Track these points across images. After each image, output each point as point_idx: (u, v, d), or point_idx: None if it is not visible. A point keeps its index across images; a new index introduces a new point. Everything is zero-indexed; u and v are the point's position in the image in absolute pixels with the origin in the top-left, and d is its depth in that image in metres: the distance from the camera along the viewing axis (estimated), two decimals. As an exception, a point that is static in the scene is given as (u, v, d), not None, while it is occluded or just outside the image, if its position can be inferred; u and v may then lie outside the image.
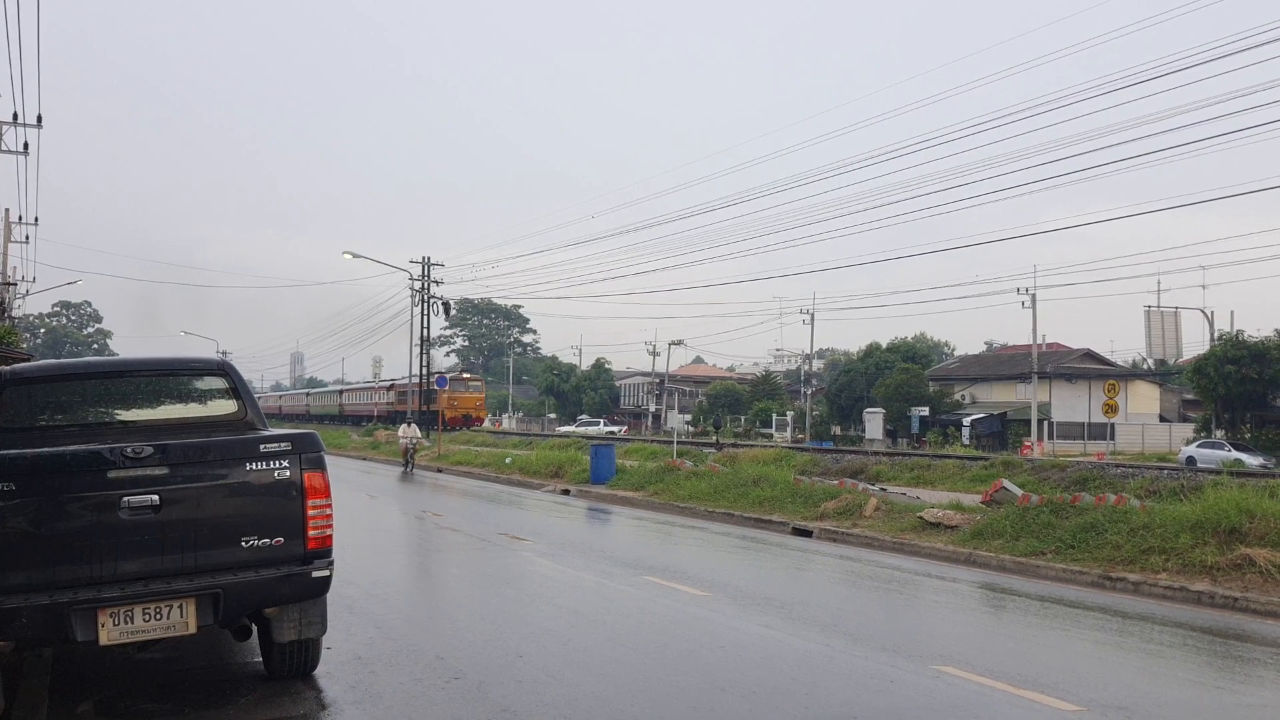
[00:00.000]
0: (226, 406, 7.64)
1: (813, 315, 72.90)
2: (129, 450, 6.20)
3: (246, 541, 6.43)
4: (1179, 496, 16.69)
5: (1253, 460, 40.21)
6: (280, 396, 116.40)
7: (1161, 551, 12.96)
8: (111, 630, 6.10)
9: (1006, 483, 18.59)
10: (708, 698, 7.05)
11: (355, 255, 52.55)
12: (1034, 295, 54.49)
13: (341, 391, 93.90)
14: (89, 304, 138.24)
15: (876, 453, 31.23)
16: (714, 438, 54.54)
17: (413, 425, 39.00)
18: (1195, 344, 59.68)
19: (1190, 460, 41.33)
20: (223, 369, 7.87)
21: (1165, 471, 21.62)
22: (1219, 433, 49.99)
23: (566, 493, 27.68)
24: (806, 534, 18.23)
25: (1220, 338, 51.26)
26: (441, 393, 57.01)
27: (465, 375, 75.14)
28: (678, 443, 34.01)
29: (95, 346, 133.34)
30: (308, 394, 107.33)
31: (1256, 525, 12.52)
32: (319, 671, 7.53)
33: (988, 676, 7.78)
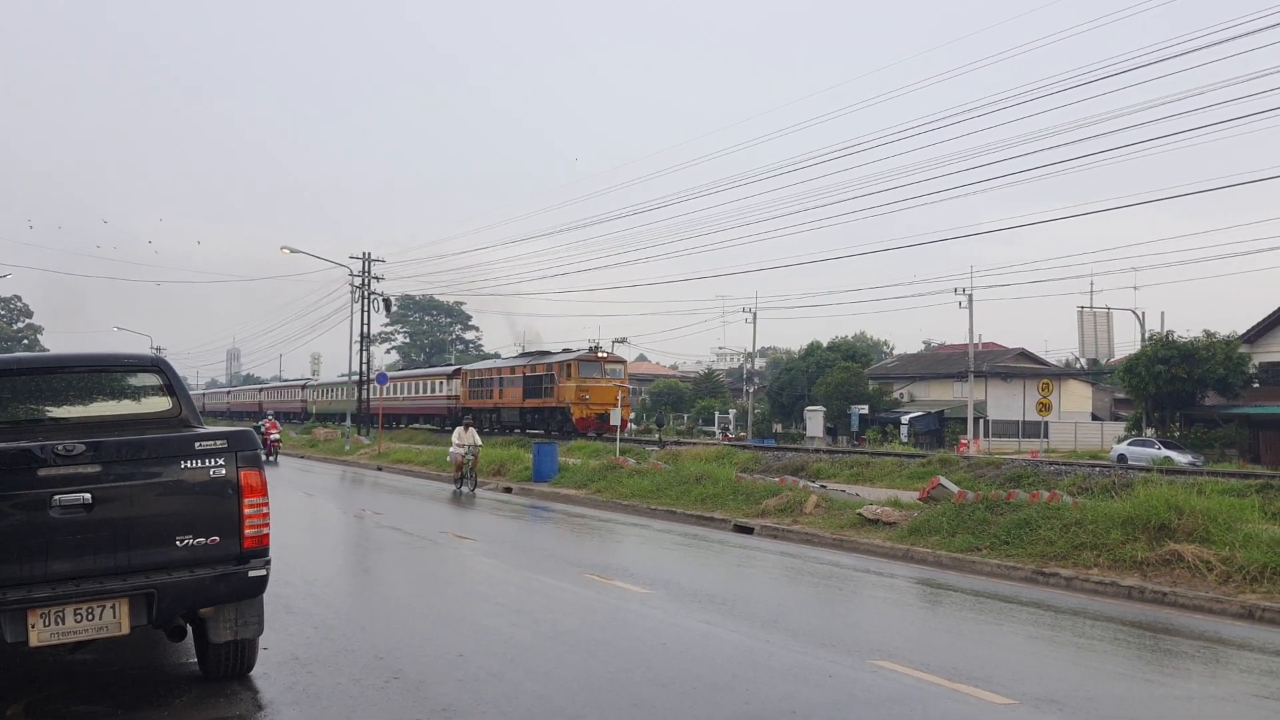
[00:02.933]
0: (160, 403, 7.51)
1: (755, 314, 73.39)
2: (60, 448, 6.07)
3: (181, 540, 6.33)
4: (1110, 494, 17.06)
5: (1182, 458, 41.18)
6: (229, 393, 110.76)
7: (1093, 547, 13.23)
8: (42, 631, 5.97)
9: (943, 480, 18.86)
10: (649, 694, 7.08)
11: (293, 250, 51.76)
12: (971, 295, 55.34)
13: (303, 386, 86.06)
14: (19, 298, 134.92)
15: (817, 450, 31.54)
16: (657, 435, 54.74)
17: (470, 429, 27.58)
18: (1127, 344, 60.95)
19: (1121, 458, 42.24)
20: (156, 365, 7.74)
21: (1097, 469, 22.06)
22: (1149, 431, 51.13)
23: (509, 491, 27.58)
24: (748, 531, 18.35)
25: (1151, 338, 52.42)
26: (565, 383, 44.16)
27: (601, 354, 46.86)
28: (620, 440, 34.03)
29: (25, 342, 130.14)
30: (259, 389, 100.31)
31: (1185, 522, 12.83)
32: (255, 672, 7.43)
33: (924, 671, 7.89)
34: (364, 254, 54.86)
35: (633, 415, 57.48)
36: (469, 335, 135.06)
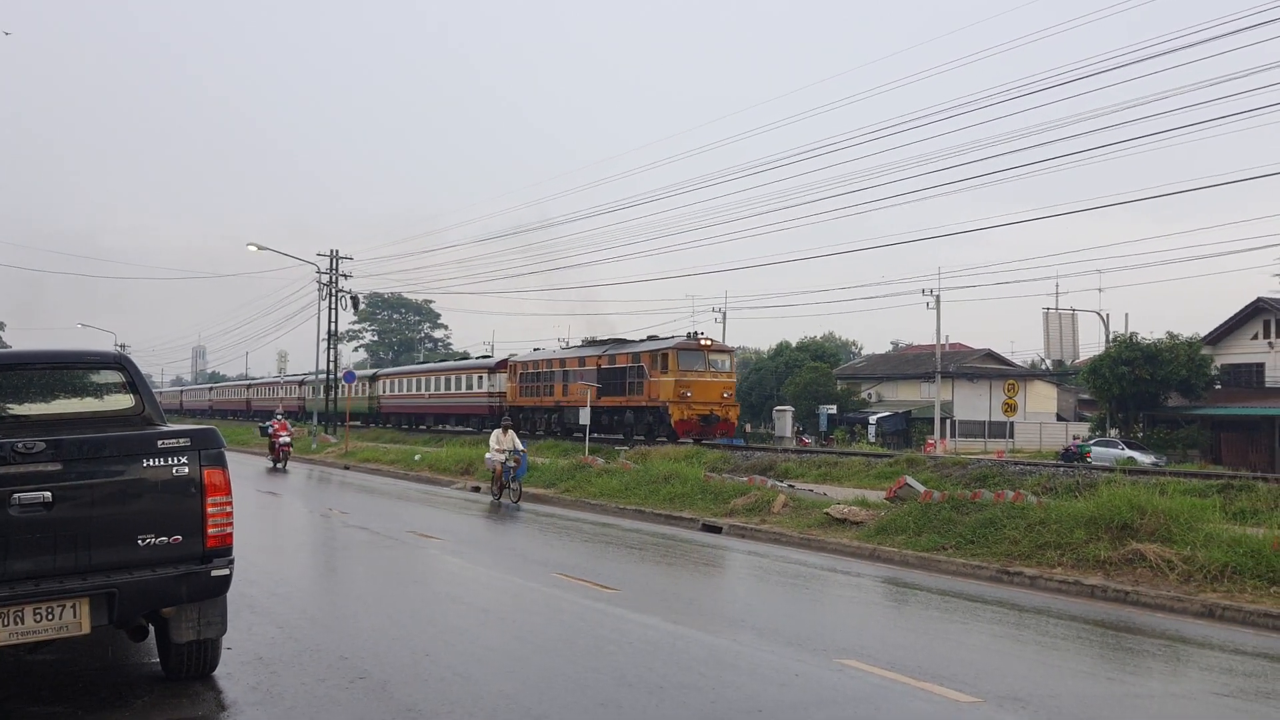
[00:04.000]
0: (123, 401, 7.42)
1: (724, 314, 73.50)
2: (20, 445, 5.99)
3: (143, 540, 6.26)
4: (1074, 493, 17.22)
5: (1145, 458, 41.66)
6: (211, 390, 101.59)
7: (1057, 546, 13.35)
8: (0, 631, 5.89)
9: (910, 479, 18.96)
10: (616, 694, 7.07)
11: (261, 247, 51.31)
12: (938, 297, 55.73)
13: (301, 382, 74.34)
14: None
15: (785, 450, 31.61)
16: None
17: (509, 431, 23.72)
18: (1091, 345, 61.61)
19: (1068, 452, 42.76)
20: (119, 362, 7.65)
21: (1061, 469, 22.26)
22: (1113, 431, 51.68)
23: (477, 490, 27.47)
24: (716, 530, 18.38)
25: (1115, 340, 52.99)
26: (659, 377, 35.32)
27: (704, 339, 37.14)
28: (590, 439, 34.00)
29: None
30: (248, 385, 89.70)
31: (1147, 521, 12.98)
32: (219, 672, 7.37)
33: (889, 669, 7.93)
34: (332, 251, 54.51)
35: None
36: (438, 334, 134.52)
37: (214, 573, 6.49)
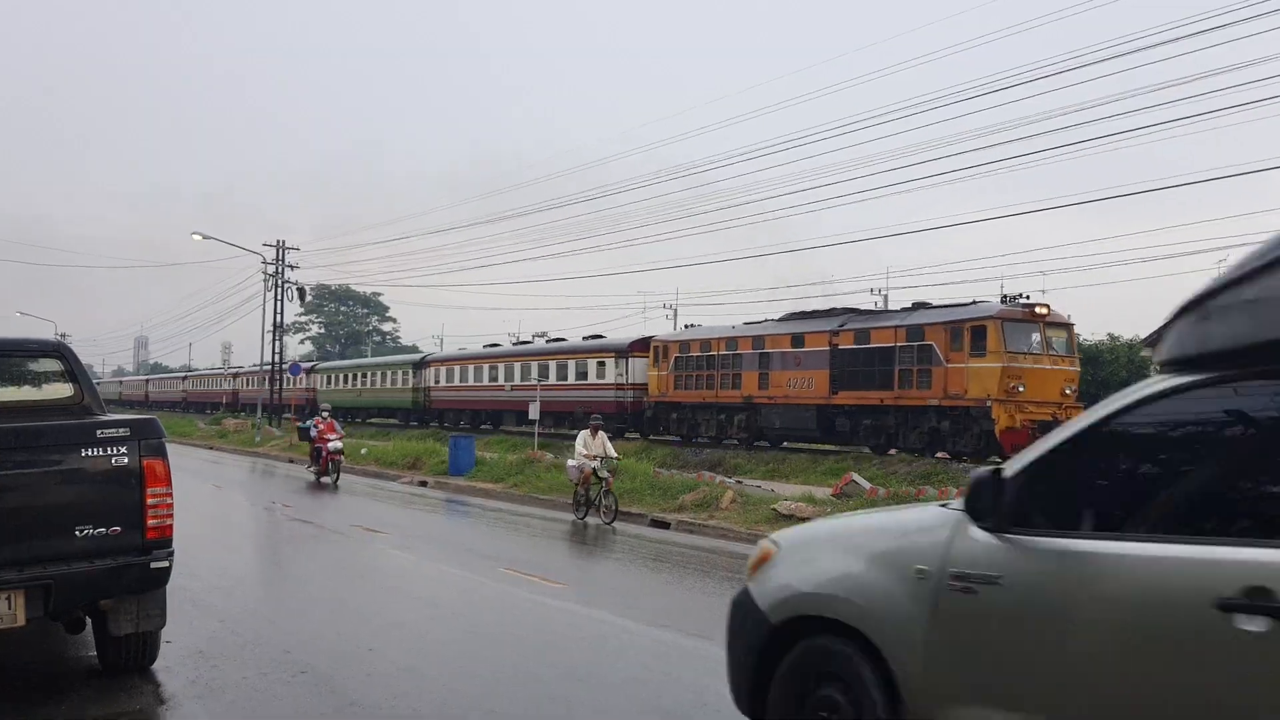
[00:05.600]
0: (62, 390, 7.27)
1: (676, 310, 73.65)
2: None
3: (81, 530, 6.13)
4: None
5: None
6: (185, 379, 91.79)
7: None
8: (-71, 624, 5.74)
9: (856, 476, 19.13)
10: (565, 689, 7.05)
11: (205, 236, 50.52)
12: (886, 296, 56.28)
13: (311, 369, 62.62)
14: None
15: (735, 446, 31.72)
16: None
17: (600, 433, 19.12)
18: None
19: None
20: (59, 351, 7.49)
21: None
22: (1055, 431, 52.41)
23: (424, 484, 27.29)
24: (664, 526, 18.40)
25: (1058, 341, 53.74)
26: (966, 362, 24.38)
27: (1040, 308, 25.11)
28: (539, 435, 33.93)
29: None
30: (234, 374, 76.49)
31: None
32: (158, 666, 7.23)
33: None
34: (278, 241, 53.81)
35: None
36: (386, 327, 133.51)
37: (153, 565, 6.37)
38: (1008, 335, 23.84)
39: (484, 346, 51.13)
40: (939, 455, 25.15)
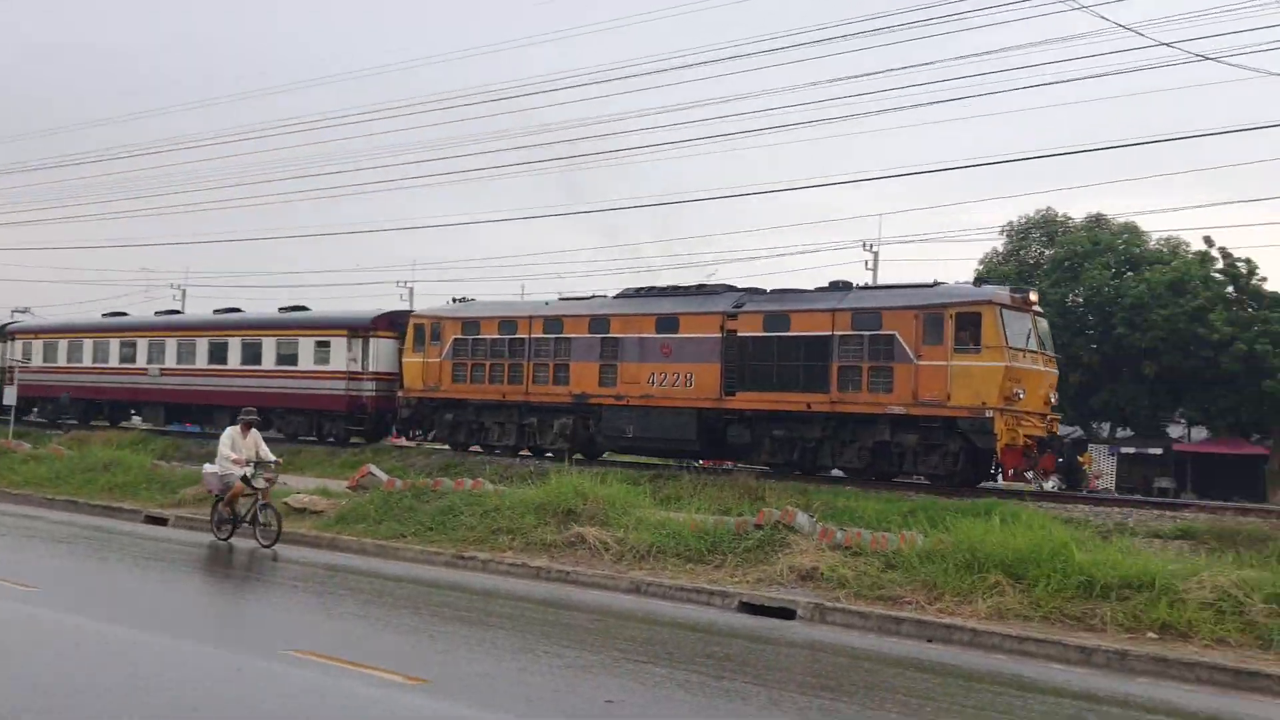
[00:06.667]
0: None
1: (184, 291, 68.67)
2: None
3: None
4: (528, 481, 18.23)
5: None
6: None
7: (509, 531, 14.08)
8: None
9: (373, 469, 18.94)
10: (30, 701, 6.29)
11: None
12: (412, 289, 56.39)
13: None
14: None
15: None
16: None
17: (252, 430, 15.19)
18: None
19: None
20: None
21: (518, 460, 23.45)
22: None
23: None
24: (161, 522, 17.11)
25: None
26: (946, 360, 18.43)
27: (1028, 293, 19.89)
28: (15, 423, 30.13)
29: None
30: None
31: (589, 506, 14.10)
32: None
33: (339, 657, 7.86)
34: None
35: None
36: None
37: None
38: (1008, 325, 18.42)
39: (104, 316, 37.42)
40: (914, 479, 19.48)
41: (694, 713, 7.01)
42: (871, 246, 40.97)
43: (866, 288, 22.89)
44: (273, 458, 15.18)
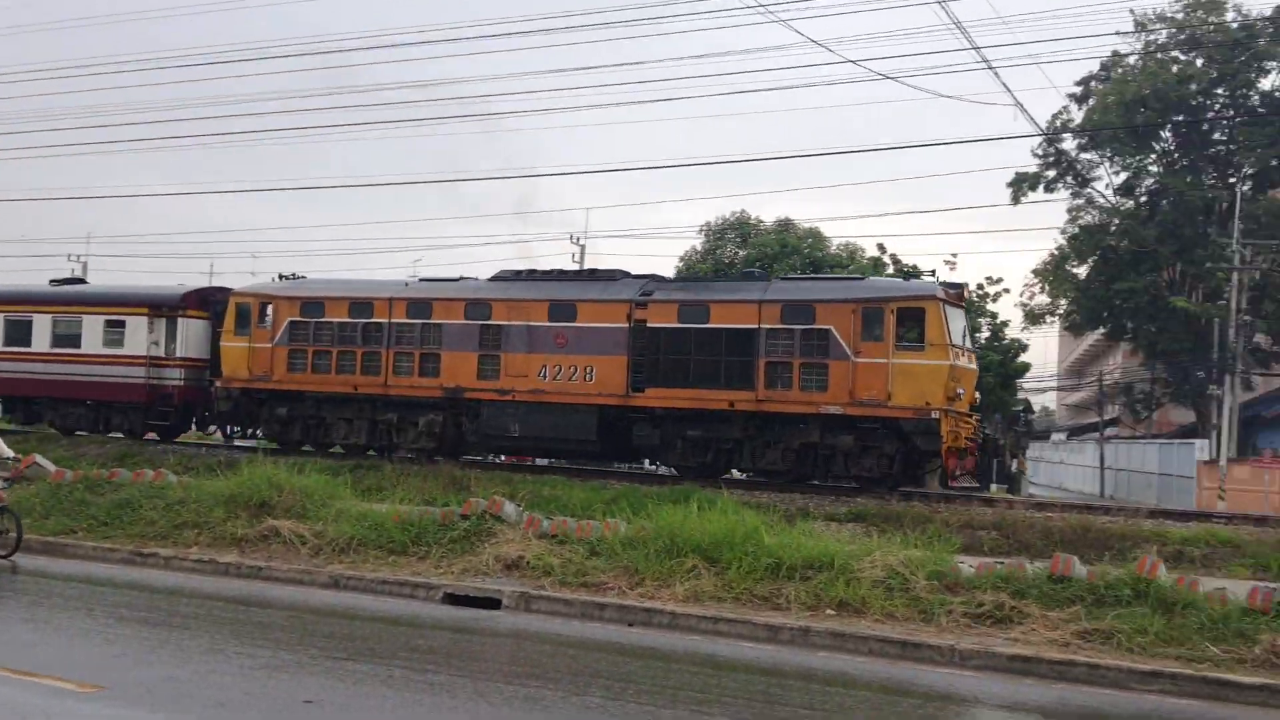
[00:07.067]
0: None
1: None
2: None
3: None
4: (216, 472, 17.21)
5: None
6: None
7: (196, 525, 13.26)
8: None
9: (39, 458, 17.28)
10: None
11: None
12: (85, 264, 51.93)
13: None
14: None
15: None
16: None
17: None
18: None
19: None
20: None
21: (204, 448, 22.09)
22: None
23: None
24: None
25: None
26: (887, 356, 17.39)
27: (949, 288, 19.21)
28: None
29: None
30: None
31: (284, 498, 13.51)
32: None
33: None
34: None
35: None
36: None
37: None
38: (951, 322, 17.80)
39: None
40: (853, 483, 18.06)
41: (398, 708, 6.87)
42: (579, 239, 41.59)
43: (788, 279, 21.59)
44: (10, 454, 13.86)
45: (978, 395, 18.94)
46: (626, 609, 10.42)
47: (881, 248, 38.13)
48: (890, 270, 37.73)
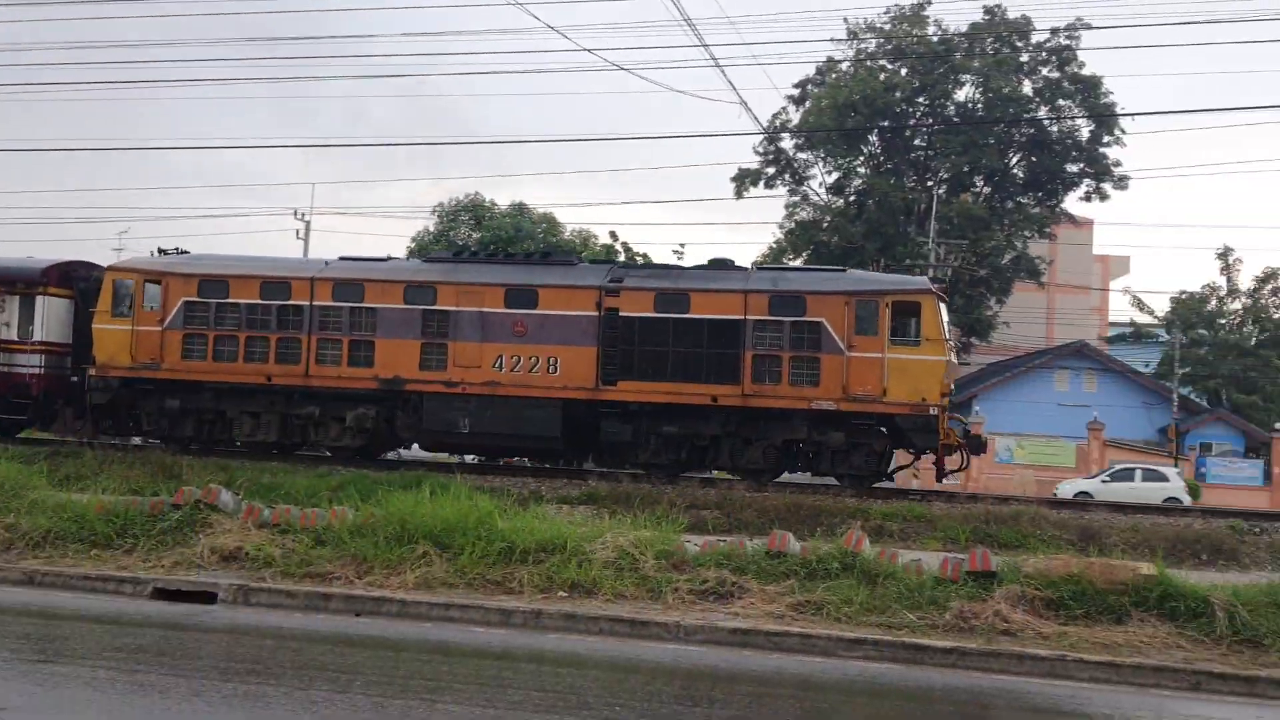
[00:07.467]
0: None
1: None
2: None
3: None
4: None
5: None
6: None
7: None
8: None
9: None
10: None
11: None
12: None
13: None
14: None
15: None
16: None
17: None
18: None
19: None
20: None
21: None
22: None
23: None
24: None
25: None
26: (881, 351, 16.90)
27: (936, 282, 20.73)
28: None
29: None
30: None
31: None
32: None
33: None
34: None
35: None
36: None
37: None
38: (945, 318, 17.61)
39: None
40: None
41: (105, 712, 6.41)
42: (303, 215, 40.06)
43: (766, 268, 21.15)
44: None
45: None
46: (354, 599, 10.15)
47: (614, 235, 38.90)
48: (622, 257, 38.54)
